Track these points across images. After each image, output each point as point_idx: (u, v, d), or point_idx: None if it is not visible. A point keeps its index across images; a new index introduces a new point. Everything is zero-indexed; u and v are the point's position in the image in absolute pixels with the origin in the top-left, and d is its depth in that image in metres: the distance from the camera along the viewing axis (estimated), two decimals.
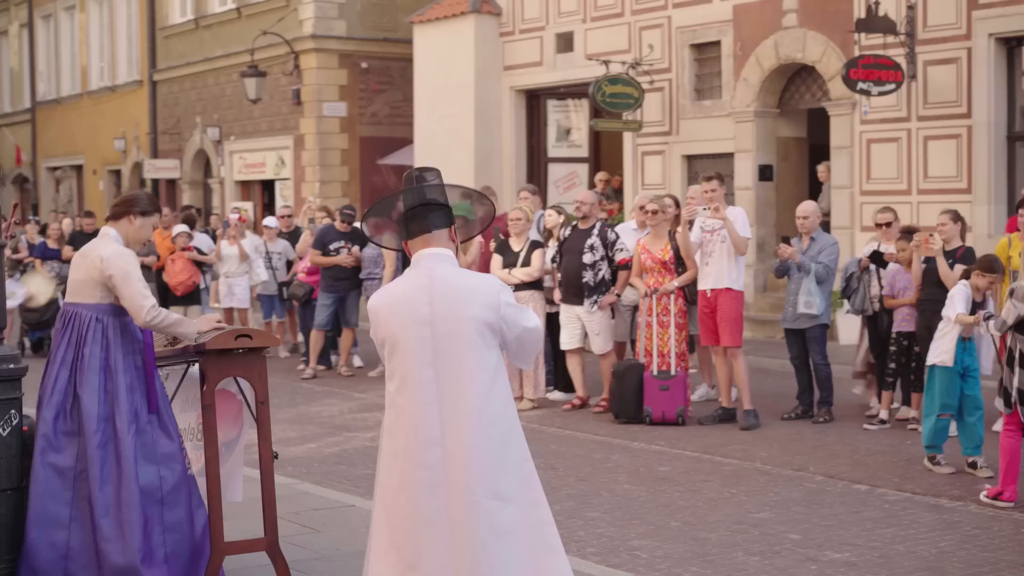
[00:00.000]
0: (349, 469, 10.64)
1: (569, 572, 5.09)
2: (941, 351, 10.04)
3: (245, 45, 27.93)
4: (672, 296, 12.65)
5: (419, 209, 5.20)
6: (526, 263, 13.51)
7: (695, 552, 7.89)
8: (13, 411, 6.45)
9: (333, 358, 16.95)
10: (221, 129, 30.42)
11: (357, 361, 17.06)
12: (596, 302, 13.09)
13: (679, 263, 12.80)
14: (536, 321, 5.18)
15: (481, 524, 4.96)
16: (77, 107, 37.34)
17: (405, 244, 5.35)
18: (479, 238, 14.55)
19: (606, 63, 20.72)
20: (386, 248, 6.54)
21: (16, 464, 6.42)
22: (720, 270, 12.31)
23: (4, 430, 6.42)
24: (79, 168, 37.81)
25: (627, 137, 21.60)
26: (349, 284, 16.18)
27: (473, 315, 4.97)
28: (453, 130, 23.86)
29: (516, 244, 13.71)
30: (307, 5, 27.42)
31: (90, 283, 6.52)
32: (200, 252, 17.96)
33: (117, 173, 35.45)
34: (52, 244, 20.20)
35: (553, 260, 13.61)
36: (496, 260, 13.77)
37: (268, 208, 28.63)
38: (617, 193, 21.84)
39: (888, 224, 12.62)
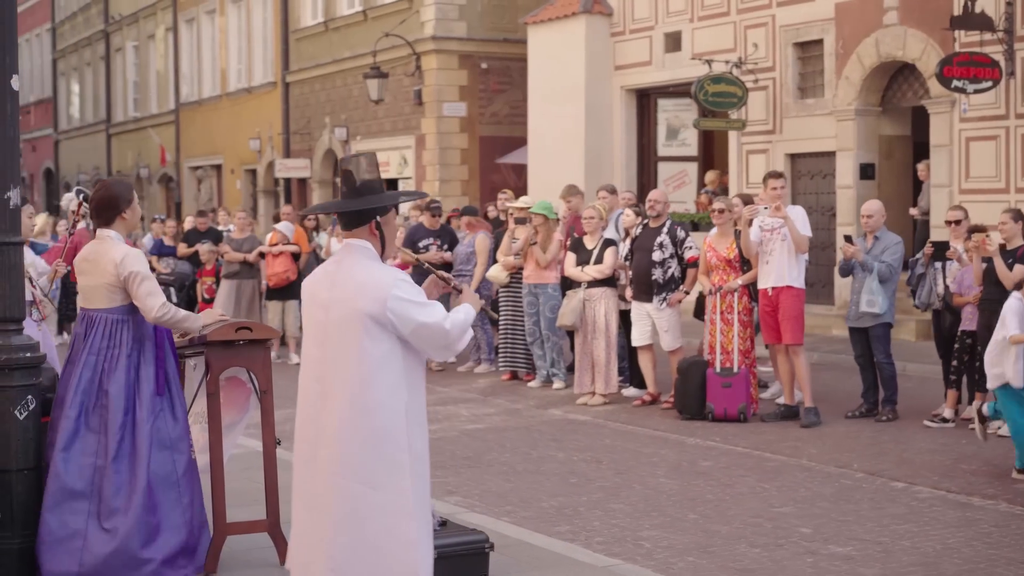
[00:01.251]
0: None
1: (420, 566, 5.20)
2: (1002, 375, 9.85)
3: (370, 47, 28.54)
4: (736, 294, 12.77)
5: (344, 209, 5.43)
6: (599, 261, 13.75)
7: (699, 543, 8.07)
8: (30, 396, 6.90)
9: None
10: (348, 129, 31.11)
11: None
12: (665, 299, 13.28)
13: (744, 261, 12.91)
14: (436, 317, 5.18)
15: (340, 504, 5.17)
16: (216, 108, 38.45)
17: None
18: (558, 236, 14.86)
19: (708, 62, 20.80)
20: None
21: (32, 446, 6.87)
22: (781, 268, 12.39)
23: (21, 414, 6.88)
24: (218, 167, 38.93)
25: (732, 136, 21.66)
26: None
27: (360, 307, 5.13)
28: (564, 130, 24.14)
29: (590, 242, 13.95)
30: (428, 7, 27.91)
31: (105, 288, 6.90)
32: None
33: (253, 172, 36.45)
34: (168, 242, 21.00)
35: (626, 258, 13.82)
36: (570, 257, 14.04)
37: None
38: (725, 192, 21.88)
39: (957, 222, 12.59)
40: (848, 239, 12.65)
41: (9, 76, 6.93)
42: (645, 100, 23.96)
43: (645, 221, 13.73)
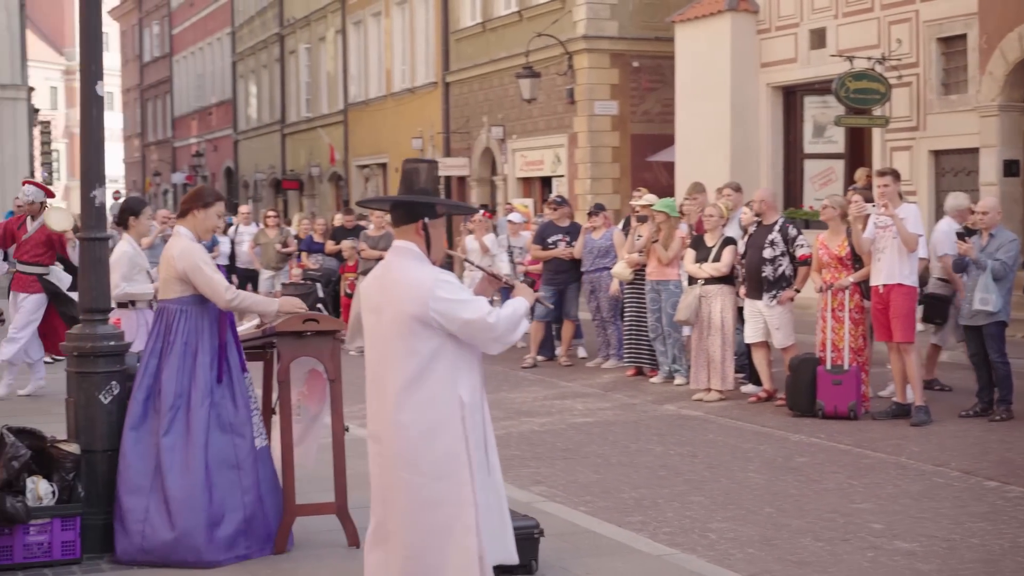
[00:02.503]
0: None
1: (476, 549, 5.48)
2: None
3: (525, 47, 28.92)
4: (847, 292, 12.76)
5: (398, 203, 5.75)
6: (717, 258, 13.86)
7: (764, 536, 8.19)
8: (114, 382, 7.41)
9: (558, 349, 17.64)
10: (504, 128, 31.55)
11: (581, 352, 17.68)
12: (775, 297, 13.34)
13: (856, 259, 12.89)
14: (479, 313, 5.41)
15: (405, 496, 5.51)
16: (382, 108, 39.29)
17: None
18: (680, 233, 14.98)
19: (850, 59, 20.66)
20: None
21: (115, 429, 7.35)
22: (892, 266, 12.34)
23: (106, 399, 7.38)
24: (384, 166, 39.76)
25: (876, 133, 21.46)
26: (569, 277, 16.82)
27: (406, 309, 5.42)
28: (710, 128, 24.19)
29: (710, 240, 14.07)
30: (580, 6, 28.18)
31: (170, 281, 7.39)
32: None
33: None
34: (318, 239, 21.64)
35: (743, 256, 13.90)
36: (689, 254, 14.18)
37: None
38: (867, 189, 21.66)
39: None
40: (961, 236, 12.55)
41: (94, 83, 7.40)
42: (791, 97, 23.87)
43: (759, 219, 13.81)
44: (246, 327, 8.19)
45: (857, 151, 23.43)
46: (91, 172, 7.45)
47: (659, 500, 9.23)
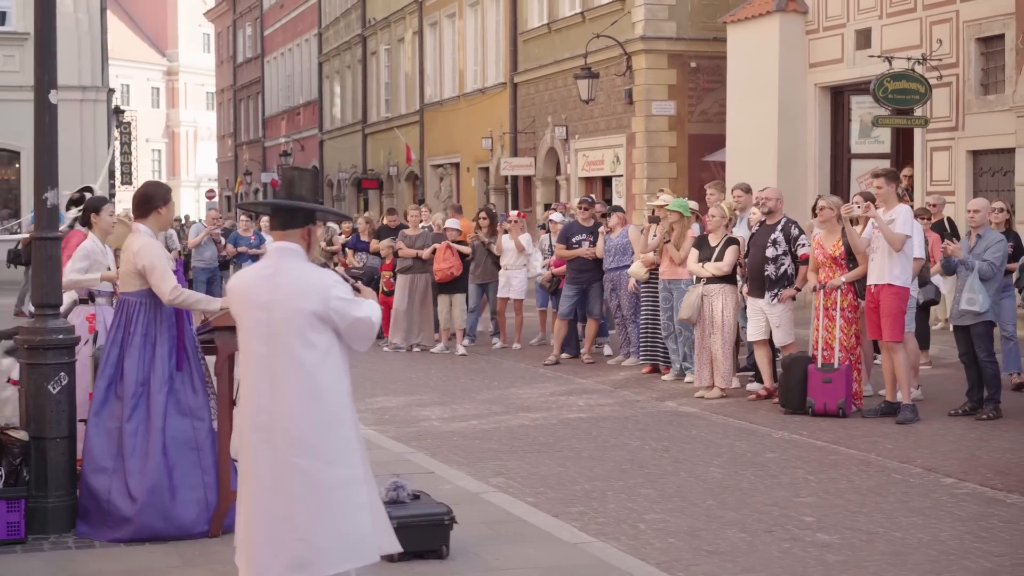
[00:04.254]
0: (469, 443, 11.60)
1: (370, 525, 5.94)
2: None
3: (590, 47, 29.23)
4: (840, 291, 12.94)
5: (282, 207, 6.18)
6: (720, 258, 14.09)
7: (692, 527, 8.46)
8: (63, 373, 7.89)
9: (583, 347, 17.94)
10: (567, 128, 31.87)
11: (607, 350, 17.96)
12: (776, 295, 13.55)
13: (850, 259, 13.05)
14: (368, 312, 5.93)
15: (300, 481, 5.95)
16: (455, 108, 39.80)
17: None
18: (692, 233, 15.21)
19: (889, 59, 20.70)
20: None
21: (65, 417, 7.84)
22: (882, 266, 12.50)
23: (54, 389, 7.86)
24: (456, 165, 40.27)
25: (917, 133, 21.47)
26: (591, 276, 17.12)
27: (304, 306, 5.86)
28: (759, 128, 24.31)
29: (713, 240, 14.30)
30: (638, 7, 28.41)
31: (130, 275, 7.88)
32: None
33: (486, 170, 37.60)
34: (364, 237, 22.10)
35: (746, 255, 14.12)
36: (692, 254, 14.42)
37: (608, 203, 29.88)
38: (907, 192, 21.68)
39: None
40: (949, 236, 12.68)
41: (47, 91, 7.89)
42: (839, 97, 23.92)
43: (763, 219, 14.02)
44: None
45: (903, 151, 23.41)
46: (44, 175, 7.93)
47: (608, 492, 9.53)
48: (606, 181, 31.18)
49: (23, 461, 7.73)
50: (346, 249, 21.92)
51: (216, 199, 71.28)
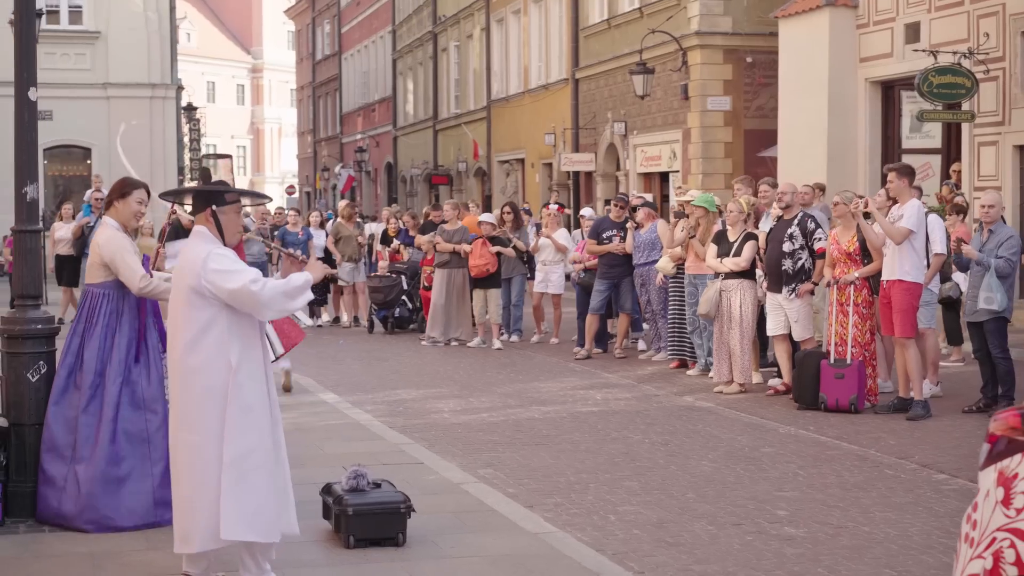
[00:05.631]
0: (471, 435, 11.72)
1: (265, 506, 6.25)
2: None
3: (647, 42, 29.23)
4: (855, 286, 12.90)
5: (185, 192, 6.53)
6: (738, 253, 14.09)
7: (661, 519, 8.51)
8: (41, 362, 8.13)
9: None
10: (626, 124, 31.88)
11: (641, 344, 18.00)
12: (794, 290, 13.54)
13: (865, 254, 13.01)
14: (240, 283, 6.13)
15: (181, 454, 6.30)
16: (520, 104, 39.94)
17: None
18: (718, 228, 15.22)
19: (934, 54, 20.51)
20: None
21: (42, 405, 8.08)
22: (893, 261, 12.45)
23: (33, 377, 8.10)
24: (522, 161, 40.40)
25: (964, 127, 21.25)
26: (622, 271, 17.18)
27: (186, 281, 6.24)
28: (809, 123, 24.19)
29: (732, 234, 14.31)
30: (694, 3, 28.34)
31: (96, 266, 8.07)
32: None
33: (549, 166, 37.70)
34: (412, 232, 22.31)
35: (765, 250, 14.11)
36: (711, 249, 14.43)
37: (665, 199, 29.89)
38: (956, 188, 21.46)
39: None
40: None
41: (27, 89, 8.13)
42: (889, 92, 23.71)
43: (781, 213, 14.02)
44: None
45: (954, 146, 23.16)
46: (24, 170, 8.16)
47: (592, 484, 9.61)
48: (663, 177, 31.15)
49: (1, 447, 7.97)
50: (398, 243, 22.09)
51: (296, 195, 72.08)
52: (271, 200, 8.44)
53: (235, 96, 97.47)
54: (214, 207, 6.38)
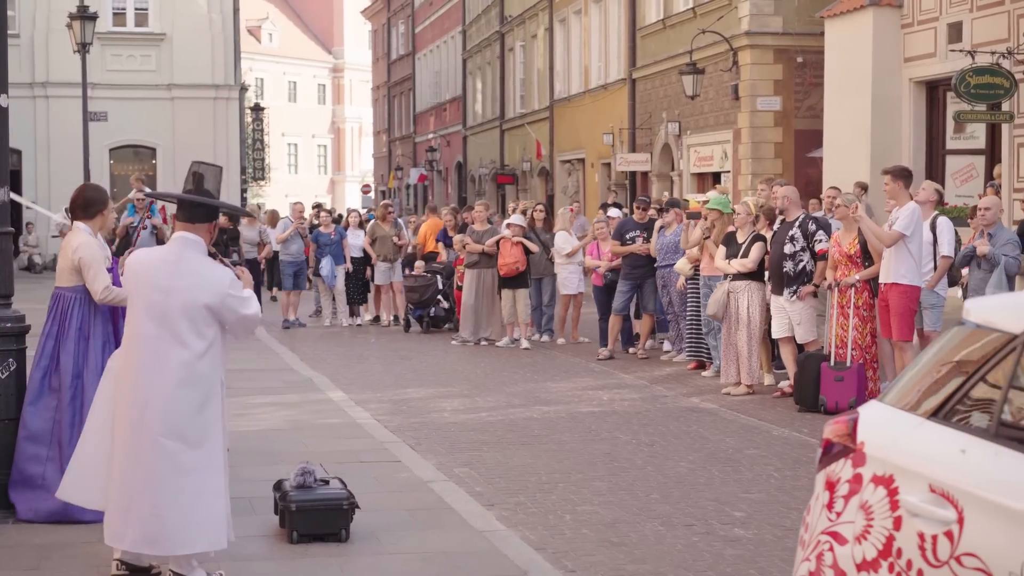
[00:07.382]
0: (461, 434, 11.85)
1: (223, 513, 6.48)
2: None
3: (699, 43, 29.23)
4: (855, 289, 12.89)
5: (189, 201, 6.69)
6: (746, 255, 14.13)
7: (615, 519, 8.62)
8: (11, 359, 8.41)
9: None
10: (680, 124, 31.87)
11: (666, 345, 18.04)
12: (795, 292, 13.55)
13: (866, 257, 12.99)
14: (254, 310, 6.59)
15: (161, 460, 6.41)
16: (581, 104, 40.04)
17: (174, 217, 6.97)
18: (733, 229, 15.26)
19: (971, 54, 20.35)
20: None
21: (12, 401, 8.36)
22: (889, 265, 12.45)
23: (3, 374, 8.38)
24: (582, 161, 40.50)
25: (1004, 128, 21.06)
26: (645, 272, 17.24)
27: (201, 298, 6.44)
28: (853, 123, 24.10)
29: (741, 236, 14.35)
30: (744, 3, 28.28)
31: (68, 270, 8.33)
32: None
33: (607, 166, 37.76)
34: (452, 232, 22.49)
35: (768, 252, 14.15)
36: (720, 251, 14.49)
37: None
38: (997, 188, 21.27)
39: None
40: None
41: None
42: (934, 92, 23.54)
43: (782, 216, 14.05)
44: None
45: (998, 147, 22.94)
46: None
47: (560, 484, 9.73)
48: (716, 177, 31.09)
49: None
50: (438, 243, 22.28)
51: (371, 194, 72.62)
52: (254, 216, 8.76)
53: (316, 95, 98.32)
54: (215, 221, 6.72)
